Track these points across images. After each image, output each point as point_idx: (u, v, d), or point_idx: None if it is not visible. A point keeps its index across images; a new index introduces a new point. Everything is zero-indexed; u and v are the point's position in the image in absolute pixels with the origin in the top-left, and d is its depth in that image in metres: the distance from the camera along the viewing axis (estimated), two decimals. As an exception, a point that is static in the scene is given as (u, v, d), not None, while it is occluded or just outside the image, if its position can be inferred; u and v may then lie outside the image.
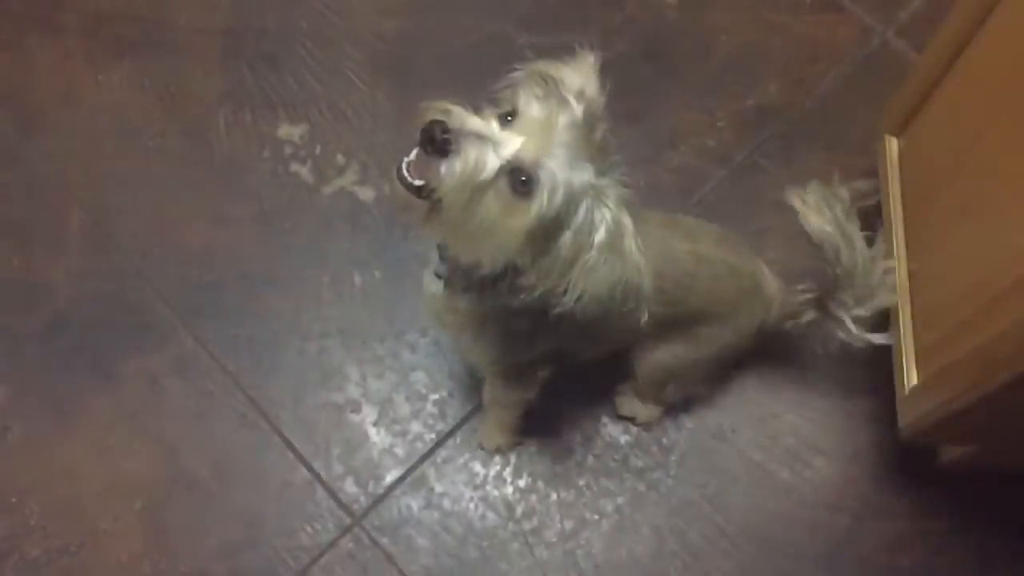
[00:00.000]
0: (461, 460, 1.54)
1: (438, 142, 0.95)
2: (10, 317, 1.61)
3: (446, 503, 1.51)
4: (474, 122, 0.99)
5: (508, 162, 0.97)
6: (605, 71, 1.75)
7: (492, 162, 0.97)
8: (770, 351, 1.58)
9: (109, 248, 1.66)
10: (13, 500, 1.50)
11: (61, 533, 1.49)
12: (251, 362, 1.59)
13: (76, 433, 1.55)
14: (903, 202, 1.44)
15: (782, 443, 1.55)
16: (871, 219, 1.39)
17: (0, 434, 1.54)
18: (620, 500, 1.52)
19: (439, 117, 0.97)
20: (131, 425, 1.55)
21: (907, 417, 1.34)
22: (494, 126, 1.00)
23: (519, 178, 0.97)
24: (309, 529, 1.49)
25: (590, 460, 1.54)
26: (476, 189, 0.97)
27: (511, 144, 0.97)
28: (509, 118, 1.00)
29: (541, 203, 0.97)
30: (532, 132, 0.98)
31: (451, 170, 0.96)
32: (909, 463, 1.53)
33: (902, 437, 1.37)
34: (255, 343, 1.60)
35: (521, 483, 1.52)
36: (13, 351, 1.59)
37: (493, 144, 0.97)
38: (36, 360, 1.59)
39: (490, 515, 1.51)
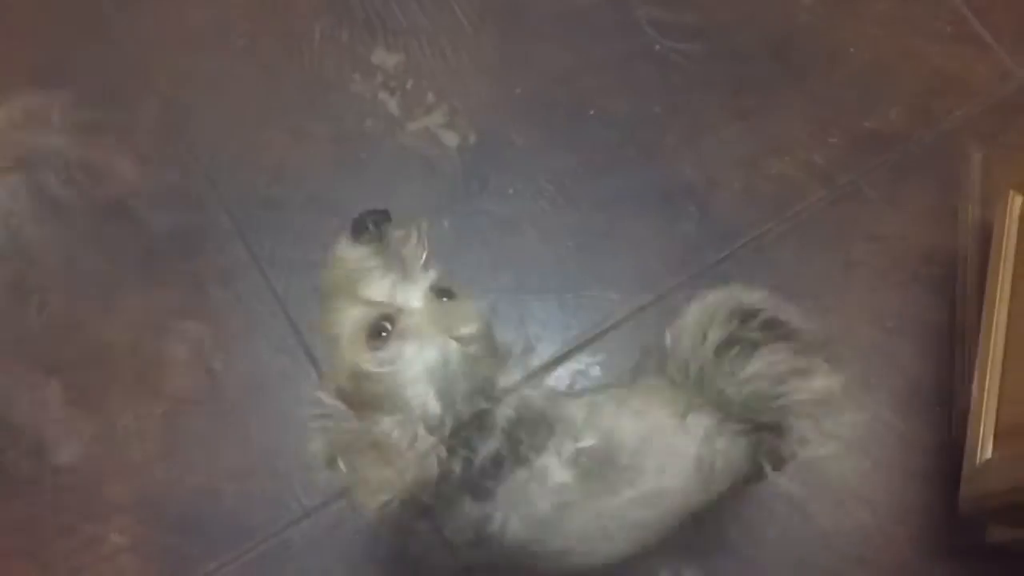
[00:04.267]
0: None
1: (359, 224, 0.93)
2: (70, 190, 1.57)
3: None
4: (410, 251, 0.94)
5: (388, 306, 0.92)
6: (723, 59, 1.67)
7: (380, 289, 0.92)
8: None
9: (179, 143, 1.61)
10: (37, 378, 1.47)
11: (79, 420, 1.46)
12: (301, 289, 1.54)
13: (113, 321, 1.51)
14: (1015, 263, 1.35)
15: (829, 487, 1.47)
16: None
17: (38, 306, 1.51)
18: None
19: (386, 216, 0.94)
20: (169, 325, 1.51)
21: (973, 491, 1.27)
22: (420, 276, 0.93)
23: (380, 330, 0.91)
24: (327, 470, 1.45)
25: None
26: (348, 292, 0.93)
27: (411, 299, 0.92)
28: (445, 299, 0.94)
29: (379, 356, 0.90)
30: (438, 314, 0.91)
31: (345, 249, 0.95)
32: (956, 534, 1.45)
33: (962, 510, 1.29)
34: (309, 269, 1.53)
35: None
36: (67, 225, 1.55)
37: (398, 278, 0.92)
38: (88, 239, 1.55)
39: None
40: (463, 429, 0.91)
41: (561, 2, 1.71)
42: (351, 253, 0.94)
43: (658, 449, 1.03)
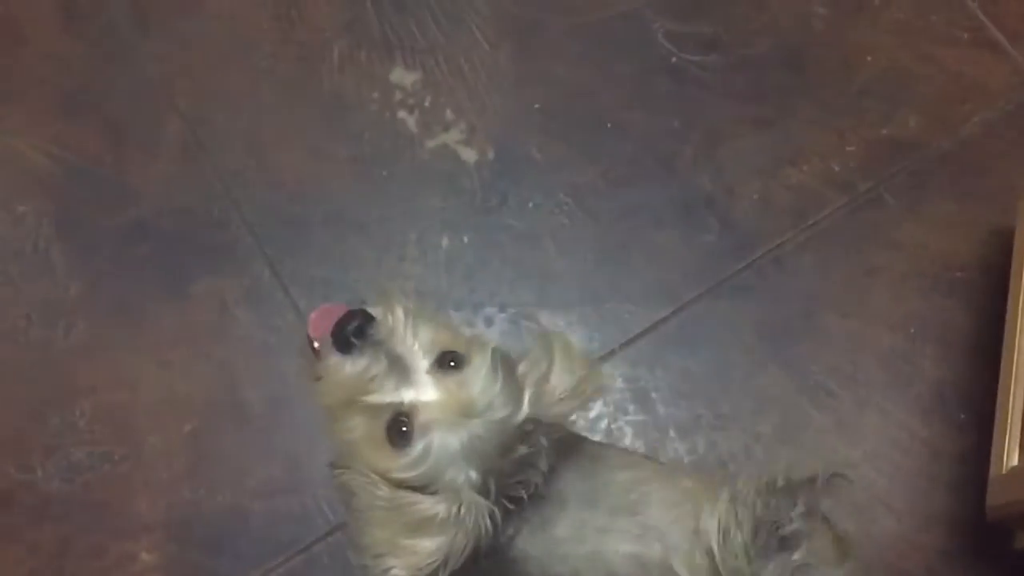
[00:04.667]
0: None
1: (342, 338, 0.86)
2: (95, 214, 1.59)
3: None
4: (401, 343, 0.87)
5: (400, 404, 0.86)
6: (739, 70, 1.67)
7: (386, 392, 0.86)
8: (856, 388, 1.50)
9: (202, 162, 1.63)
10: (65, 399, 1.49)
11: (107, 440, 1.47)
12: (324, 305, 1.55)
13: (139, 343, 1.53)
14: (1037, 270, 1.34)
15: (853, 495, 1.46)
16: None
17: (65, 329, 1.53)
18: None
19: (365, 317, 0.87)
20: (195, 346, 1.53)
21: (998, 498, 1.26)
22: (420, 362, 0.87)
23: (399, 427, 0.86)
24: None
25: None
26: (351, 402, 0.88)
27: (421, 392, 0.86)
28: (452, 363, 0.88)
29: (408, 461, 0.85)
30: (452, 396, 0.86)
31: (336, 366, 0.87)
32: (982, 541, 1.44)
33: (988, 517, 1.29)
34: (331, 287, 1.56)
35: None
36: (92, 249, 1.57)
37: (400, 376, 0.86)
38: (113, 262, 1.57)
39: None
40: (513, 476, 0.88)
41: (577, 18, 1.72)
42: (344, 368, 0.88)
43: (683, 527, 0.95)
